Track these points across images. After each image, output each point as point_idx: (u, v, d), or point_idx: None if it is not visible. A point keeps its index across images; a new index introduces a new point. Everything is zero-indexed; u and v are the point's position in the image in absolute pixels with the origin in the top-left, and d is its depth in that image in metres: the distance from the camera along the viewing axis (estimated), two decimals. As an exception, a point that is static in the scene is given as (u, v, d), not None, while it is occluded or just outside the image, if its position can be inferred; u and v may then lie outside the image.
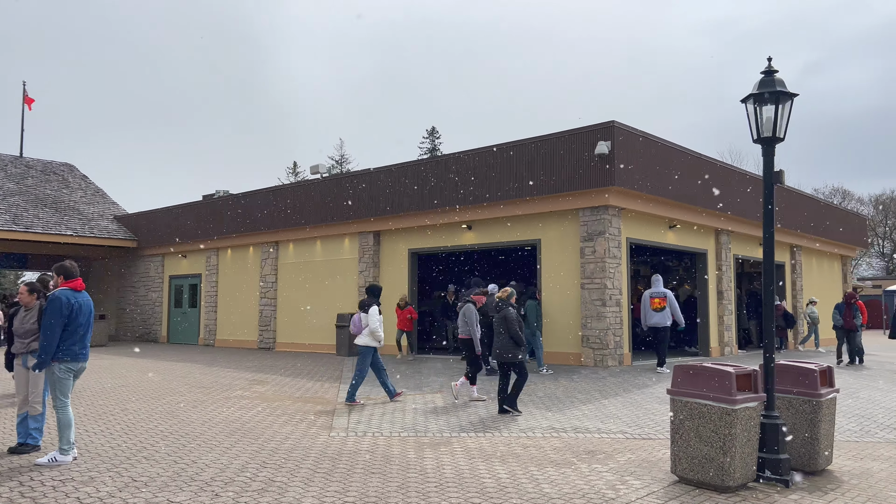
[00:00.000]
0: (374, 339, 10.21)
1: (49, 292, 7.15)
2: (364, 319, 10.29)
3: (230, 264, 22.79)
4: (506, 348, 9.19)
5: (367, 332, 10.21)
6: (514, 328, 9.13)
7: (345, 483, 5.97)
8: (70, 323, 6.59)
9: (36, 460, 6.57)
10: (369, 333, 10.19)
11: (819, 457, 6.45)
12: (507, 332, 9.17)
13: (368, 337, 10.23)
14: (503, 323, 9.21)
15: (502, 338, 9.22)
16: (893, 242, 60.44)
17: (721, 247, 17.82)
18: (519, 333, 9.19)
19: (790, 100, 6.38)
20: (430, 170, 16.77)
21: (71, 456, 6.61)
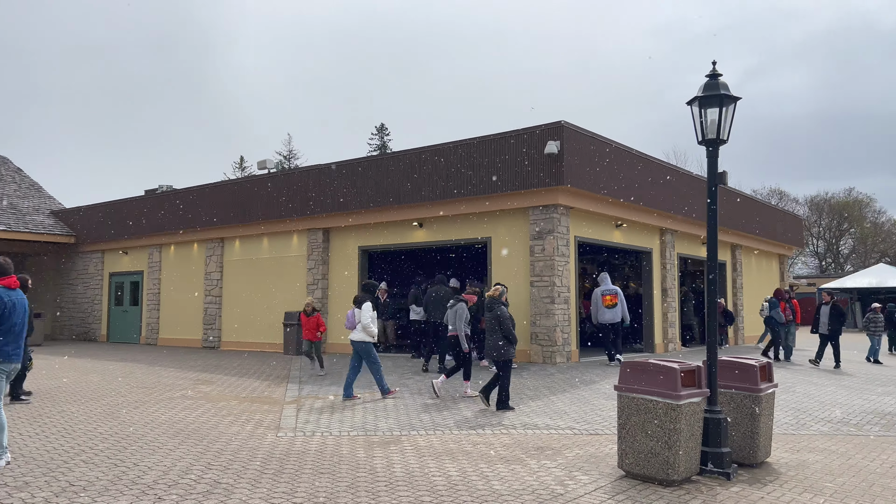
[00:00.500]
0: (367, 334, 10.38)
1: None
2: (358, 315, 10.44)
3: (174, 261, 22.22)
4: (499, 347, 9.26)
5: (361, 328, 10.39)
6: (507, 326, 9.22)
7: (293, 484, 5.88)
8: (3, 322, 6.31)
9: (-35, 466, 6.27)
10: (362, 328, 10.37)
11: (759, 450, 6.66)
12: (500, 331, 9.24)
13: (362, 332, 10.39)
14: (497, 321, 9.28)
15: (495, 336, 9.29)
16: (827, 242, 62.98)
17: (665, 245, 18.23)
18: (512, 332, 9.31)
19: (734, 103, 6.56)
20: (382, 167, 16.67)
21: (4, 460, 6.33)
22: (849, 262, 62.04)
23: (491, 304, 9.47)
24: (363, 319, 10.35)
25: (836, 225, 62.20)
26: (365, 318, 10.34)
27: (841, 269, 59.76)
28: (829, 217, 62.16)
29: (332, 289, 17.97)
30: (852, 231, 62.20)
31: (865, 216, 61.98)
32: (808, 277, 51.79)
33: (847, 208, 61.15)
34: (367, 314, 10.38)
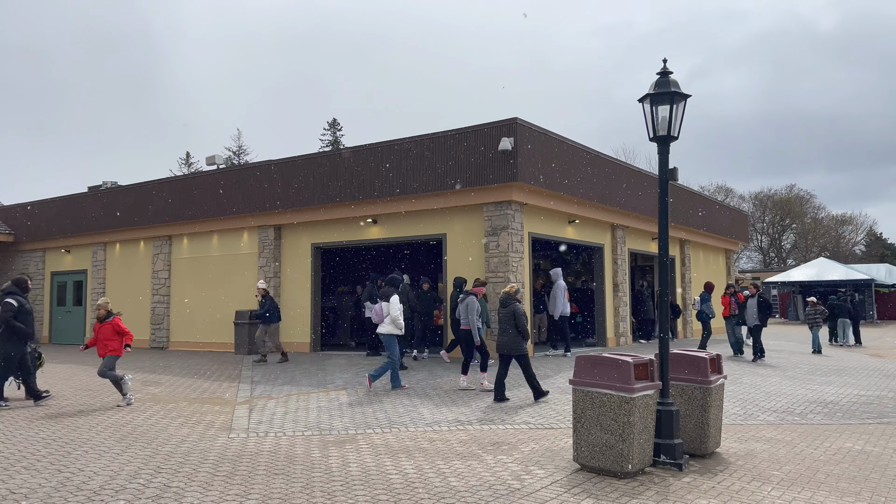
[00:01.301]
0: (395, 326, 10.72)
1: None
2: (386, 308, 10.76)
3: (119, 259, 21.58)
4: (513, 342, 9.49)
5: (389, 321, 10.71)
6: (522, 322, 9.44)
7: (246, 486, 5.76)
8: None
9: None
10: (391, 322, 10.69)
11: (709, 440, 6.81)
12: (515, 327, 9.43)
13: (391, 325, 10.72)
14: (511, 318, 9.47)
15: (510, 332, 9.47)
16: (770, 237, 64.98)
17: (616, 241, 18.52)
18: (527, 328, 9.54)
19: (684, 100, 6.67)
20: (335, 162, 16.49)
21: None
22: (791, 256, 64.15)
23: (506, 300, 9.66)
24: (392, 312, 10.67)
25: (778, 220, 64.24)
26: (394, 311, 10.65)
27: (784, 264, 61.76)
28: (772, 213, 64.15)
29: (285, 286, 17.71)
30: (794, 226, 64.34)
31: (806, 212, 64.20)
32: (752, 272, 53.38)
33: (789, 204, 63.22)
34: (395, 307, 10.69)
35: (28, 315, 9.84)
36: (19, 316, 9.71)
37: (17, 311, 9.68)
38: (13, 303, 9.66)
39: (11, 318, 9.60)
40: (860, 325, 23.49)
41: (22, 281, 10.12)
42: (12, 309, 9.62)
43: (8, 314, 9.59)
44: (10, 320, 9.58)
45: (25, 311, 9.80)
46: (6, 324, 9.57)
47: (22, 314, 9.74)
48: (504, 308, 9.64)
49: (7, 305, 9.63)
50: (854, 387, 11.97)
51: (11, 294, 9.85)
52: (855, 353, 19.33)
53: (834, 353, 18.68)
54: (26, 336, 9.77)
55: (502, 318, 9.63)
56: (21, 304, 9.75)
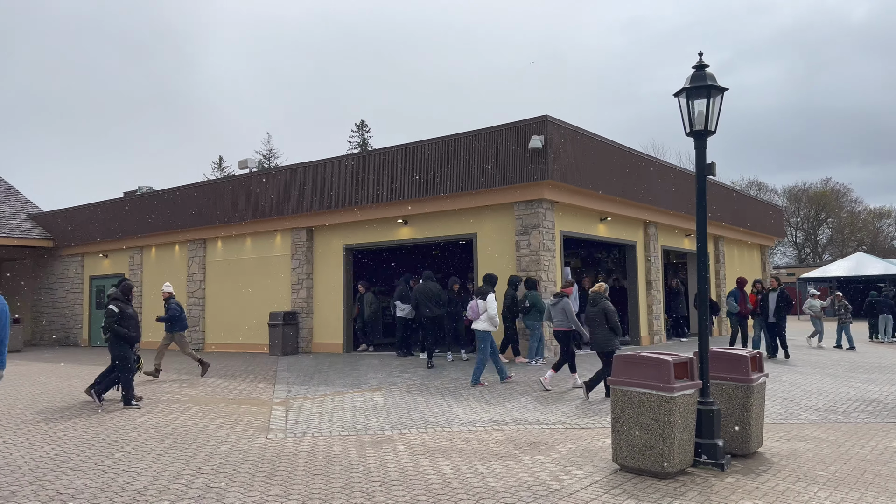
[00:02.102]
0: (491, 323, 10.97)
1: None
2: (482, 306, 11.05)
3: (155, 263, 21.95)
4: (606, 339, 9.61)
5: (486, 318, 10.97)
6: (614, 320, 9.58)
7: (286, 486, 5.80)
8: None
9: (-52, 477, 6.12)
10: (487, 319, 10.95)
11: (751, 440, 6.68)
12: (607, 325, 9.58)
13: (487, 322, 10.98)
14: (603, 315, 9.62)
15: (602, 330, 9.61)
16: (805, 232, 63.72)
17: (649, 238, 18.31)
18: (619, 325, 9.65)
19: (721, 94, 6.56)
20: (365, 164, 16.57)
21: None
22: (827, 251, 62.83)
23: (596, 298, 9.80)
24: (489, 310, 10.92)
25: (813, 215, 62.95)
26: (492, 309, 10.92)
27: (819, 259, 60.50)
28: (807, 207, 62.87)
29: (317, 288, 17.85)
30: (830, 221, 62.99)
31: (843, 206, 62.80)
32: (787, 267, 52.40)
33: (824, 198, 61.91)
34: (492, 305, 10.94)
35: (130, 320, 10.23)
36: (122, 321, 10.11)
37: (119, 316, 10.09)
38: (115, 309, 10.10)
39: (114, 324, 10.03)
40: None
41: (127, 288, 10.53)
42: (114, 315, 10.07)
43: (111, 320, 10.04)
44: (113, 326, 10.03)
45: (127, 316, 10.20)
46: (111, 329, 10.02)
47: (124, 319, 10.14)
48: (594, 307, 9.76)
49: (109, 312, 10.11)
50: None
51: (115, 300, 10.27)
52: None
53: (876, 350, 18.24)
54: (130, 340, 10.17)
55: (593, 316, 9.74)
56: (122, 310, 10.16)
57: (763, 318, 15.29)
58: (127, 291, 10.49)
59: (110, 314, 10.09)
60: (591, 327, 9.80)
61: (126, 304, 10.34)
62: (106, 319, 10.11)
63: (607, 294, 9.96)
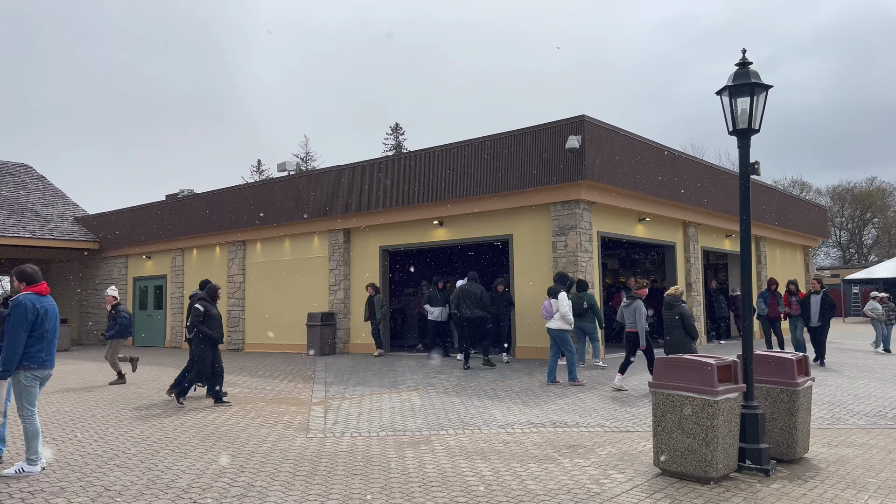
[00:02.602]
0: (565, 322, 11.16)
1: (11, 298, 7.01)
2: (555, 305, 11.21)
3: (196, 264, 22.36)
4: (681, 342, 9.69)
5: (559, 317, 11.15)
6: (691, 323, 9.73)
7: (326, 486, 5.85)
8: (35, 329, 6.34)
9: (2, 472, 6.31)
10: (561, 317, 11.14)
11: (797, 445, 6.53)
12: (683, 327, 9.71)
13: (561, 321, 11.16)
14: (680, 318, 9.73)
15: (678, 332, 9.73)
16: (850, 233, 62.06)
17: (689, 239, 18.04)
18: (695, 328, 9.77)
19: (765, 91, 6.43)
20: (401, 166, 16.64)
21: (39, 466, 6.37)
22: (873, 251, 61.10)
23: (672, 302, 9.90)
24: (561, 308, 11.12)
25: (858, 215, 61.27)
26: (563, 307, 11.10)
27: (865, 260, 58.87)
28: (851, 207, 61.24)
29: (354, 289, 17.98)
30: (876, 220, 61.25)
31: (889, 205, 61.01)
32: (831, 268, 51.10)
33: (870, 198, 60.21)
34: (564, 303, 11.13)
35: (215, 320, 10.43)
36: (207, 321, 10.32)
37: (204, 315, 10.30)
38: (201, 308, 10.32)
39: (200, 324, 10.24)
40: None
41: (212, 289, 10.74)
42: (200, 314, 10.28)
43: (197, 319, 10.26)
44: (199, 325, 10.24)
45: (212, 317, 10.40)
46: (196, 328, 10.24)
47: (209, 319, 10.35)
48: (670, 310, 9.82)
49: (195, 311, 10.32)
50: (951, 389, 11.28)
51: (201, 300, 10.49)
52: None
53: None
54: (213, 340, 10.36)
55: (668, 319, 9.80)
56: (208, 310, 10.37)
57: (804, 322, 14.65)
58: (212, 293, 10.67)
59: (196, 313, 10.26)
60: (666, 331, 9.81)
61: (211, 304, 10.51)
62: (191, 318, 10.29)
63: (683, 296, 9.90)
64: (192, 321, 10.29)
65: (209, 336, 10.27)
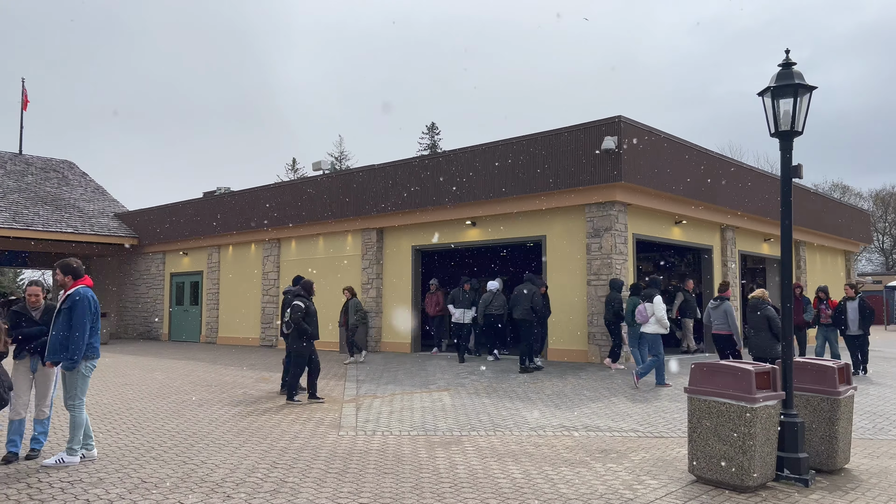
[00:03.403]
0: (661, 326, 11.26)
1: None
2: (650, 309, 11.34)
3: (232, 261, 22.68)
4: (767, 344, 9.85)
5: (654, 321, 11.26)
6: (778, 325, 9.74)
7: (358, 483, 5.87)
8: (96, 320, 6.59)
9: (43, 462, 6.46)
10: (656, 321, 11.25)
11: (837, 455, 6.36)
12: (769, 330, 9.84)
13: (656, 325, 11.27)
14: (765, 321, 9.88)
15: (764, 334, 9.86)
16: (893, 238, 60.39)
17: (726, 243, 17.73)
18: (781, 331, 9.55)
19: (808, 92, 6.28)
20: (434, 166, 16.66)
21: (79, 457, 6.51)
22: (918, 258, 59.34)
23: (758, 304, 10.02)
24: (657, 312, 11.22)
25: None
26: (659, 311, 11.21)
27: (909, 266, 57.23)
28: (895, 211, 59.57)
29: (387, 288, 18.05)
30: (921, 226, 59.46)
31: (935, 210, 59.17)
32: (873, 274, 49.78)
33: (915, 202, 58.45)
34: (659, 307, 11.23)
35: (313, 316, 10.44)
36: (306, 317, 10.33)
37: (304, 312, 10.31)
38: (301, 304, 10.31)
39: (301, 320, 10.23)
40: None
41: (307, 284, 10.76)
42: (301, 310, 10.26)
43: (299, 315, 10.23)
44: (300, 321, 10.22)
45: (311, 313, 10.41)
46: (296, 324, 10.23)
47: (308, 316, 10.36)
48: (757, 313, 9.91)
49: (296, 307, 10.29)
50: None
51: (300, 296, 10.53)
52: None
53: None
54: (312, 336, 10.37)
55: (756, 322, 9.91)
56: (307, 307, 10.38)
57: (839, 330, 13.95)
58: (308, 288, 10.68)
59: (297, 309, 10.20)
60: (754, 333, 9.92)
61: (310, 300, 10.53)
62: (292, 314, 10.20)
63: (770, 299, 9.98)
64: (292, 317, 10.16)
65: (307, 332, 10.21)
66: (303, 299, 10.39)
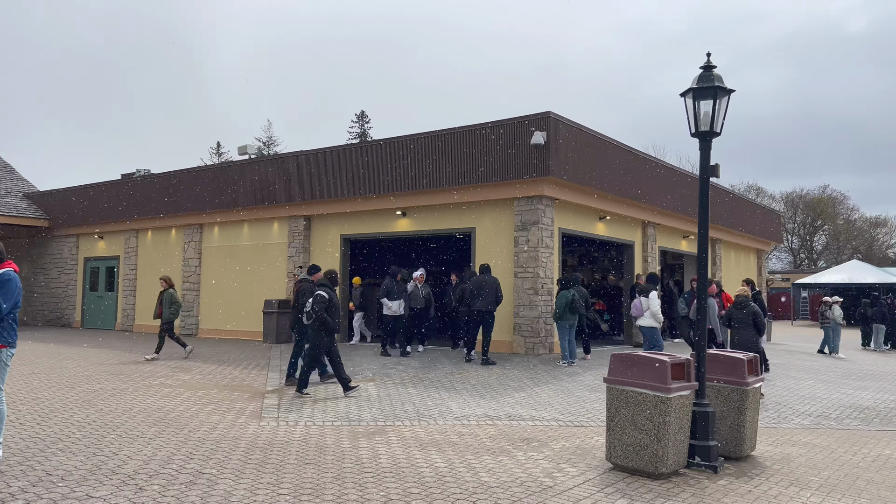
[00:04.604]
0: (655, 319, 11.74)
1: None
2: (645, 303, 11.79)
3: (151, 246, 21.86)
4: (751, 339, 10.30)
5: (650, 314, 11.73)
6: (762, 321, 10.36)
7: (278, 474, 5.77)
8: (17, 306, 5.96)
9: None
10: (651, 315, 11.72)
11: (745, 443, 6.67)
12: (754, 325, 10.30)
13: (651, 318, 11.73)
14: (751, 318, 10.31)
15: (749, 330, 10.31)
16: (801, 238, 63.82)
17: (647, 239, 18.29)
18: (764, 327, 10.46)
19: (727, 95, 6.52)
20: (365, 154, 16.50)
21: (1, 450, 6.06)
22: (822, 257, 62.95)
23: (745, 302, 10.43)
24: (652, 307, 11.71)
25: (810, 221, 63.02)
26: (654, 306, 11.72)
27: (814, 265, 60.62)
28: (803, 213, 62.96)
29: (313, 277, 17.77)
30: (826, 228, 63.09)
31: (839, 213, 62.89)
32: (782, 272, 52.51)
33: (821, 205, 61.98)
34: (655, 302, 11.73)
35: (336, 309, 9.96)
36: (328, 309, 9.82)
37: (328, 303, 9.79)
38: (325, 295, 9.77)
39: (323, 311, 9.70)
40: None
41: (332, 274, 10.31)
42: (324, 301, 9.73)
43: (322, 306, 9.68)
44: (321, 313, 9.68)
45: (334, 305, 9.91)
46: (318, 316, 9.69)
47: (332, 307, 9.85)
48: (743, 310, 10.38)
49: (319, 297, 9.72)
50: (891, 392, 11.70)
51: (323, 287, 9.98)
52: (892, 358, 18.90)
53: (868, 358, 18.29)
54: (334, 329, 9.87)
55: (741, 318, 10.39)
56: (331, 298, 9.85)
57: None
58: (334, 278, 10.26)
59: (320, 300, 9.69)
60: (739, 329, 10.41)
61: (333, 291, 10.04)
62: (315, 305, 9.67)
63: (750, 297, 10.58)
64: (317, 308, 9.65)
65: (329, 325, 9.75)
66: (326, 289, 9.90)
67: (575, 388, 10.50)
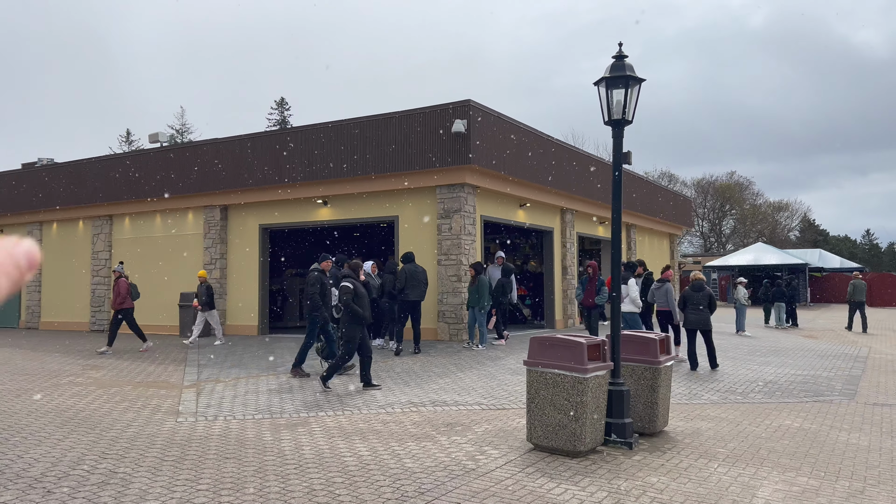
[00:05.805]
0: (634, 305, 12.23)
1: None
2: (625, 290, 12.09)
3: (57, 239, 20.76)
4: (705, 318, 11.25)
5: (629, 301, 12.13)
6: (714, 303, 11.31)
7: (197, 470, 5.63)
8: None
9: None
10: (630, 301, 12.15)
11: (658, 419, 6.97)
12: (708, 307, 11.26)
13: (631, 304, 12.16)
14: (707, 299, 11.26)
15: (706, 312, 11.25)
16: (711, 222, 66.82)
17: (566, 225, 18.73)
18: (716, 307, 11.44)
19: (638, 84, 6.74)
20: (284, 141, 16.17)
21: None
22: (730, 241, 66.13)
23: (702, 285, 11.44)
24: (631, 293, 12.20)
25: (719, 206, 66.05)
26: (633, 292, 12.23)
27: (723, 248, 63.62)
28: (713, 199, 65.90)
29: (231, 268, 17.35)
30: (734, 212, 66.28)
31: (745, 198, 66.17)
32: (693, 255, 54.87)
33: (729, 191, 65.04)
34: (633, 289, 12.26)
35: (363, 299, 9.58)
36: (355, 299, 9.45)
37: (354, 293, 9.43)
38: (350, 286, 9.43)
39: (351, 301, 9.33)
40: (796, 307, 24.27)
41: (356, 265, 10.04)
42: (350, 292, 9.38)
43: (349, 297, 9.33)
44: (350, 303, 9.32)
45: (360, 295, 9.54)
46: (346, 306, 9.36)
47: (358, 297, 9.47)
48: (700, 291, 11.29)
49: (346, 289, 9.40)
50: (791, 367, 12.44)
51: (348, 278, 9.66)
52: (791, 334, 20.07)
53: (770, 335, 19.36)
54: (363, 320, 9.50)
55: (698, 299, 11.26)
56: (356, 288, 9.49)
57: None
58: (357, 269, 10.01)
59: (346, 291, 9.40)
60: (694, 309, 11.26)
61: (358, 281, 9.74)
62: (343, 296, 9.40)
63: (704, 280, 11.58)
64: (344, 299, 9.38)
65: (359, 315, 9.43)
66: (351, 280, 9.68)
67: (497, 372, 10.67)
